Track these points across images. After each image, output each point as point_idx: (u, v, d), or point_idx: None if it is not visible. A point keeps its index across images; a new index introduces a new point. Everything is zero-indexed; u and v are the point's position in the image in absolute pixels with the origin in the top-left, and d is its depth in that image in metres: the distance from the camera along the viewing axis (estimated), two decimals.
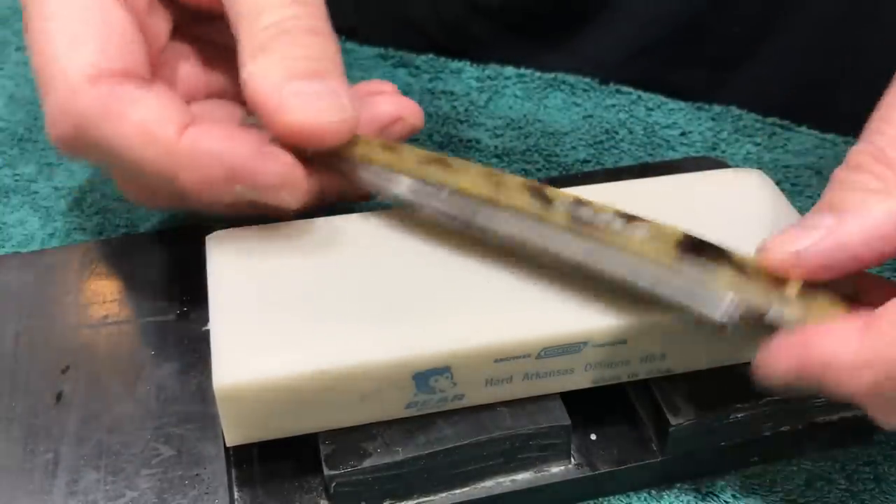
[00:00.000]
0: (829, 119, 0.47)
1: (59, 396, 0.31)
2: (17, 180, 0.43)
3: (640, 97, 0.49)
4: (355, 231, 0.32)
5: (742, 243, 0.32)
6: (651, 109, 0.48)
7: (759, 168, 0.43)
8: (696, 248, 0.28)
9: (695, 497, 0.32)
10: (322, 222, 0.33)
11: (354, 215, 0.33)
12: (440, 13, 0.54)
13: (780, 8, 0.49)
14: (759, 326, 0.27)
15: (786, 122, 0.47)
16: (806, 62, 0.42)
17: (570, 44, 0.53)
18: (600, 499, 0.32)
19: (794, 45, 0.49)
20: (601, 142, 0.46)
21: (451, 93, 0.49)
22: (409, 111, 0.35)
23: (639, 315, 0.30)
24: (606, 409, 0.32)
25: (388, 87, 0.36)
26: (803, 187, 0.44)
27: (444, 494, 0.30)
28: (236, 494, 0.30)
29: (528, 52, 0.51)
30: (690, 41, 0.51)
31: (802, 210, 0.42)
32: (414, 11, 0.55)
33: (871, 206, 0.26)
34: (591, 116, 0.48)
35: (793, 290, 0.27)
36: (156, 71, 0.33)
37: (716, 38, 0.51)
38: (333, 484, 0.28)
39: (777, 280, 0.27)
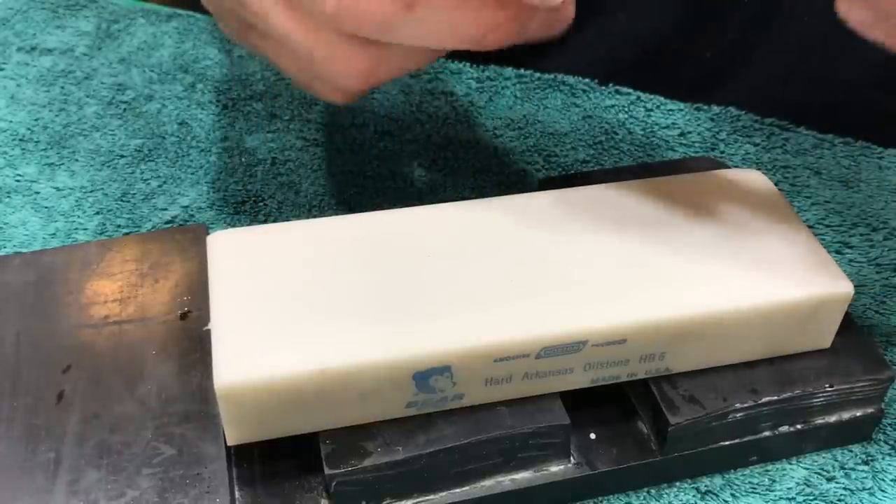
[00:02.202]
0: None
1: (60, 396, 0.31)
2: (18, 180, 0.44)
3: (639, 98, 0.49)
4: (355, 231, 0.32)
5: (740, 243, 0.32)
6: (650, 110, 0.48)
7: (758, 168, 0.43)
8: None
9: (694, 496, 0.32)
10: (322, 222, 0.33)
11: (354, 215, 0.34)
12: None
13: (754, 33, 0.50)
14: None
15: (784, 123, 0.47)
16: (782, 87, 0.43)
17: (550, 59, 0.53)
18: (600, 498, 0.32)
19: (767, 70, 0.50)
20: (600, 142, 0.46)
21: (451, 93, 0.49)
22: None
23: (638, 315, 0.30)
24: (606, 408, 0.32)
25: None
26: (802, 187, 0.44)
27: (443, 493, 0.30)
28: (237, 493, 0.30)
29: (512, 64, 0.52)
30: (665, 62, 0.51)
31: (801, 210, 0.42)
32: None
33: None
34: (590, 117, 0.48)
35: None
36: None
37: (691, 59, 0.51)
38: (334, 483, 0.28)
39: None
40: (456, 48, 0.29)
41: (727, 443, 0.32)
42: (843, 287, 0.31)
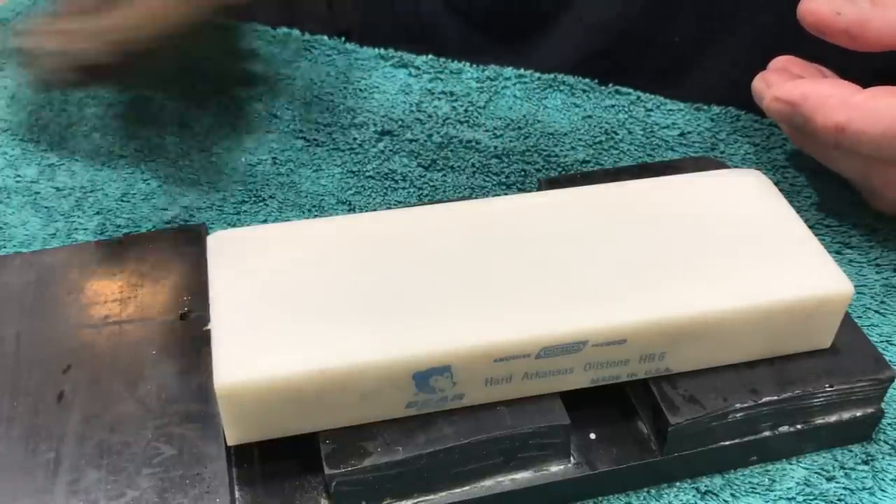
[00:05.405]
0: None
1: (60, 396, 0.31)
2: (18, 181, 0.44)
3: (639, 98, 0.49)
4: (355, 231, 0.32)
5: (740, 243, 0.32)
6: (650, 110, 0.48)
7: (758, 168, 0.43)
8: None
9: (694, 496, 0.32)
10: (322, 222, 0.33)
11: (354, 215, 0.34)
12: (420, 9, 0.56)
13: (717, 21, 0.50)
14: None
15: None
16: (743, 73, 0.43)
17: (524, 47, 0.54)
18: (600, 498, 0.32)
19: (731, 56, 0.50)
20: (600, 142, 0.46)
21: (451, 93, 0.49)
22: None
23: (638, 315, 0.30)
24: (606, 408, 0.32)
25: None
26: (801, 187, 0.44)
27: (443, 493, 0.30)
28: (237, 493, 0.30)
29: (485, 53, 0.52)
30: (633, 49, 0.52)
31: (800, 210, 0.42)
32: (398, 6, 0.56)
33: None
34: (590, 117, 0.48)
35: None
36: None
37: (656, 47, 0.52)
38: (334, 483, 0.28)
39: None
40: None
41: (727, 443, 0.32)
42: (843, 287, 0.31)
